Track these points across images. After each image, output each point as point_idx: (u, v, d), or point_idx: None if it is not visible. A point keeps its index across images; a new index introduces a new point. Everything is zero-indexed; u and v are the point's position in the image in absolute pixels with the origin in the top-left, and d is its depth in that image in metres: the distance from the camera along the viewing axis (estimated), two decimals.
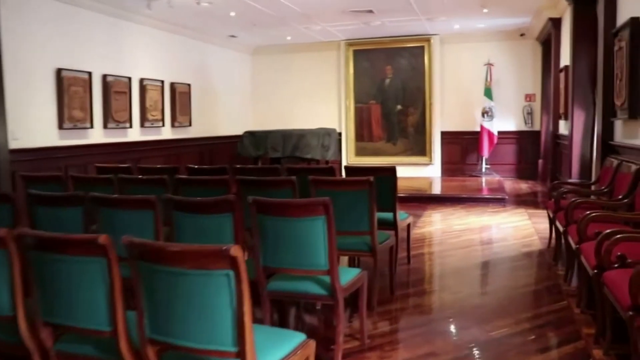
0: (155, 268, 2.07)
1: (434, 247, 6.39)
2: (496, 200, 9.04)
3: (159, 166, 6.41)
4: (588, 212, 3.75)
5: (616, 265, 3.08)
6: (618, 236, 3.11)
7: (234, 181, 4.47)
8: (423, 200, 9.41)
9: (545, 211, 7.94)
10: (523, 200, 9.24)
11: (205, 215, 3.27)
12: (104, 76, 8.58)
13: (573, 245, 4.00)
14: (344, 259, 5.27)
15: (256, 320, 3.32)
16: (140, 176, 5.07)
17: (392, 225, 5.02)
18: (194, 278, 2.01)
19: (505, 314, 3.98)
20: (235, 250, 1.91)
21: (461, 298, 4.42)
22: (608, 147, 5.70)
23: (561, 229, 4.69)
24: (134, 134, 9.46)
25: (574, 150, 7.60)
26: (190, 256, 1.99)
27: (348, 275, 3.33)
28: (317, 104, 13.26)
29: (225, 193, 4.41)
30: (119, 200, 3.65)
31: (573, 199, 4.42)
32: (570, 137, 7.67)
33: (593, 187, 5.88)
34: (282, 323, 3.87)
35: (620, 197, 4.37)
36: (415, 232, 6.89)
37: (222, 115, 12.41)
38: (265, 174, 5.14)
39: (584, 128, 7.46)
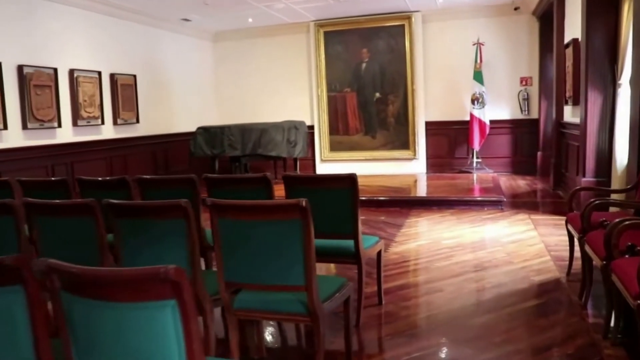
0: None
1: (417, 275, 4.87)
2: (492, 202, 7.57)
3: (52, 178, 4.91)
4: None
5: None
6: None
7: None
8: (405, 204, 7.96)
9: (553, 217, 6.59)
10: (523, 202, 7.77)
11: None
12: (20, 67, 7.30)
13: (630, 300, 2.52)
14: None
15: None
16: None
17: (354, 256, 3.58)
18: None
19: None
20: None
21: None
22: None
23: (598, 262, 3.19)
24: (65, 134, 8.16)
25: (588, 143, 6.15)
26: None
27: None
28: (287, 94, 11.87)
29: (94, 226, 2.92)
30: None
31: (618, 220, 2.91)
32: (583, 126, 6.22)
33: (617, 195, 4.42)
34: None
35: None
36: (392, 252, 5.42)
37: (179, 109, 11.02)
38: (168, 189, 3.62)
39: (600, 114, 6.02)
